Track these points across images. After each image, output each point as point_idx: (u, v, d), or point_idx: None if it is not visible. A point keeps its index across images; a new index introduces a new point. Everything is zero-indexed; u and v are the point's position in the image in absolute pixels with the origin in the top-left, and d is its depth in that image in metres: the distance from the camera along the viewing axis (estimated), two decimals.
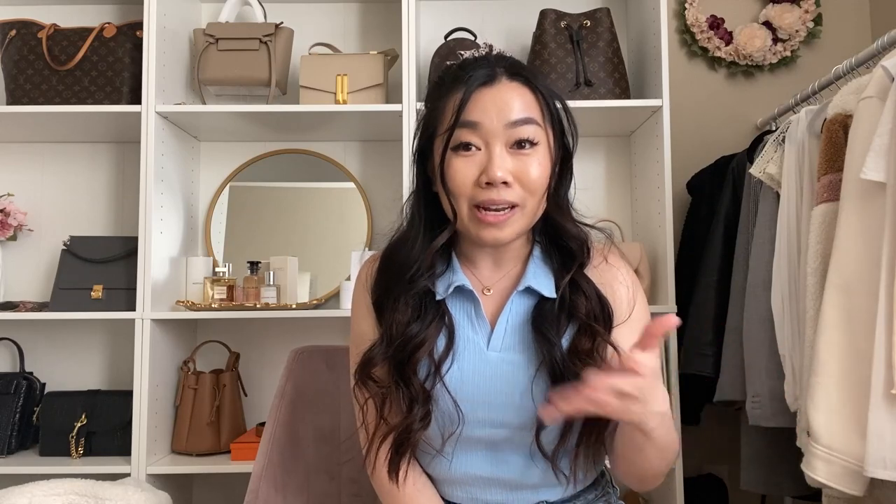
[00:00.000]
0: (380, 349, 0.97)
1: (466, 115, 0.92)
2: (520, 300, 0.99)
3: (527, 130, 0.92)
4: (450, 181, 0.92)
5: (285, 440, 1.34)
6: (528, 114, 0.92)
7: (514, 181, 0.91)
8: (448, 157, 0.93)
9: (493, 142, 0.91)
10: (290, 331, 2.14)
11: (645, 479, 0.95)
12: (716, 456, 2.11)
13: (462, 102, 0.92)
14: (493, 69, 0.94)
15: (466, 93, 0.92)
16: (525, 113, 0.92)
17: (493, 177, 0.89)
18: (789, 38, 2.22)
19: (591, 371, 0.79)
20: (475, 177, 0.91)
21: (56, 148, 2.19)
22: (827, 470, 1.18)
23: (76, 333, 2.14)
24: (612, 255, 1.03)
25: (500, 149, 0.91)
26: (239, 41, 1.97)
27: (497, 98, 0.92)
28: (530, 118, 0.92)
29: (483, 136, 0.92)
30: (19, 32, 1.98)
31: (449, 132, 0.92)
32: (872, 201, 1.20)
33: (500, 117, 0.91)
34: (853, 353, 1.19)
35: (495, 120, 0.91)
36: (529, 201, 0.92)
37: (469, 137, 0.92)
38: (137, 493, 1.58)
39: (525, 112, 0.92)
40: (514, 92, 0.93)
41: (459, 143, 0.92)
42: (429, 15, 2.19)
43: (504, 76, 0.94)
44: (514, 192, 0.91)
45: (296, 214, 2.17)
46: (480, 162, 0.92)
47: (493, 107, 0.92)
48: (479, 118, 0.91)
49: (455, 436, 0.95)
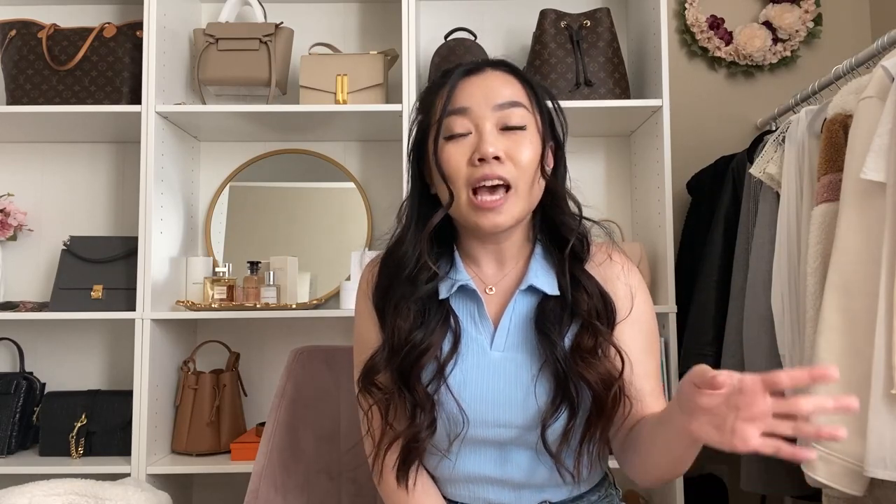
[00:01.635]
0: (382, 356, 0.97)
1: (454, 103, 0.94)
2: (522, 299, 0.99)
3: (515, 113, 0.94)
4: (444, 165, 0.94)
5: (285, 440, 1.34)
6: (514, 98, 0.95)
7: (505, 158, 0.92)
8: (441, 146, 0.95)
9: (482, 123, 0.94)
10: (290, 331, 2.14)
11: (661, 479, 0.93)
12: (716, 456, 2.10)
13: (449, 91, 0.95)
14: (478, 62, 0.98)
15: (453, 82, 0.95)
16: (512, 97, 0.95)
17: (484, 152, 0.91)
18: (789, 38, 2.22)
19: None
20: (468, 156, 0.93)
21: (56, 148, 2.19)
22: (827, 470, 1.18)
23: (76, 333, 2.14)
24: (616, 253, 1.03)
25: (491, 128, 0.93)
26: (239, 41, 1.97)
27: (483, 84, 0.95)
28: (517, 101, 0.95)
29: (473, 119, 0.94)
30: (19, 32, 1.98)
31: (439, 121, 0.94)
32: (872, 201, 1.20)
33: (487, 101, 0.94)
34: (853, 354, 1.19)
35: (483, 104, 0.94)
36: (521, 182, 0.93)
37: (459, 124, 0.94)
38: (137, 493, 1.58)
39: (512, 96, 0.95)
40: (500, 79, 0.96)
41: (451, 132, 0.94)
42: (429, 15, 2.19)
43: (488, 66, 0.98)
44: (506, 169, 0.92)
45: (296, 214, 2.17)
46: (472, 143, 0.94)
47: (479, 92, 0.94)
48: (466, 103, 0.94)
49: (460, 437, 0.95)
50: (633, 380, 0.95)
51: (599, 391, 0.92)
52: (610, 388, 0.92)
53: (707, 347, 1.80)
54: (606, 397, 0.92)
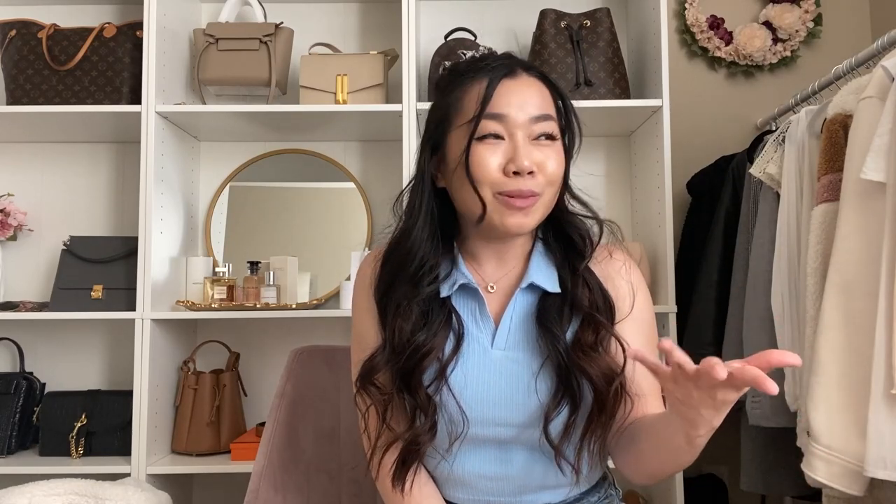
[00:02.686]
0: (382, 357, 0.96)
1: (493, 108, 0.93)
2: (523, 297, 0.99)
3: (547, 126, 0.94)
4: (475, 168, 0.92)
5: (285, 440, 1.34)
6: (546, 110, 0.95)
7: (537, 172, 0.92)
8: (473, 147, 0.93)
9: (516, 133, 0.93)
10: (290, 331, 2.14)
11: (663, 476, 0.94)
12: (716, 456, 2.10)
13: (488, 93, 0.93)
14: (511, 64, 0.96)
15: (492, 83, 0.93)
16: (544, 109, 0.95)
17: (521, 166, 0.90)
18: (789, 38, 2.22)
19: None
20: (501, 165, 0.92)
21: (56, 148, 2.19)
22: (827, 470, 1.18)
23: (76, 333, 2.14)
24: (617, 250, 1.03)
25: (524, 139, 0.93)
26: (239, 41, 1.97)
27: (519, 92, 0.94)
28: (548, 115, 0.95)
29: (508, 127, 0.93)
30: (19, 32, 1.98)
31: (475, 122, 0.93)
32: (872, 201, 1.20)
33: (523, 111, 0.93)
34: (853, 353, 1.19)
35: (520, 113, 0.93)
36: (548, 192, 0.94)
37: (494, 128, 0.93)
38: (137, 493, 1.58)
39: (544, 108, 0.95)
40: (534, 88, 0.96)
41: (487, 133, 0.93)
42: (429, 15, 2.19)
43: (521, 69, 0.97)
44: (537, 182, 0.92)
45: (296, 214, 2.17)
46: (505, 151, 0.92)
47: (516, 100, 0.93)
48: (504, 111, 0.93)
49: (461, 437, 0.95)
50: (633, 377, 0.95)
51: (601, 386, 0.92)
52: (611, 382, 0.92)
53: (707, 347, 1.80)
54: (608, 392, 0.92)
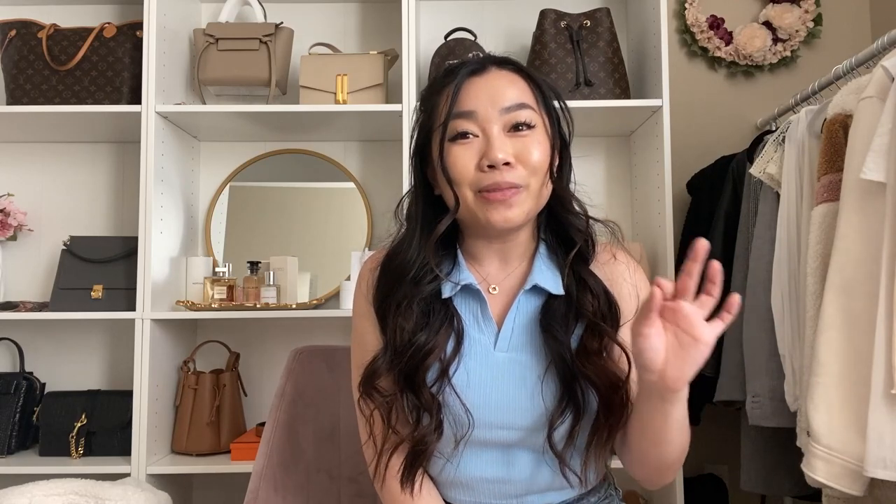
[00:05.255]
0: (384, 360, 0.95)
1: (460, 106, 0.92)
2: (527, 299, 0.97)
3: (522, 114, 0.92)
4: (451, 169, 0.92)
5: (285, 440, 1.34)
6: (521, 99, 0.93)
7: (515, 162, 0.90)
8: (447, 148, 0.92)
9: (489, 127, 0.91)
10: (290, 331, 2.14)
11: (661, 469, 0.93)
12: (716, 456, 2.11)
13: (454, 93, 0.92)
14: (482, 62, 0.96)
15: (457, 83, 0.93)
16: (518, 99, 0.93)
17: (494, 159, 0.89)
18: (789, 38, 2.22)
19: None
20: (476, 161, 0.91)
21: (56, 148, 2.19)
22: (827, 470, 1.18)
23: (76, 333, 2.14)
24: (621, 253, 1.02)
25: (498, 132, 0.91)
26: (239, 41, 1.97)
27: (488, 86, 0.93)
28: (524, 103, 0.93)
29: (479, 123, 0.92)
30: (19, 32, 1.98)
31: (444, 124, 0.92)
32: (872, 201, 1.20)
33: (493, 104, 0.91)
34: (853, 353, 1.19)
35: (489, 107, 0.91)
36: (533, 182, 0.92)
37: (465, 126, 0.92)
38: (137, 493, 1.58)
39: (518, 98, 0.93)
40: (505, 79, 0.94)
41: (457, 133, 0.92)
42: (429, 15, 2.19)
43: (493, 66, 0.95)
44: (516, 174, 0.91)
45: (296, 214, 2.17)
46: (479, 147, 0.91)
47: (485, 95, 0.92)
48: (472, 107, 0.92)
49: (465, 438, 0.93)
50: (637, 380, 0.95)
51: (606, 393, 0.91)
52: (617, 390, 0.91)
53: None
54: (613, 400, 0.91)
